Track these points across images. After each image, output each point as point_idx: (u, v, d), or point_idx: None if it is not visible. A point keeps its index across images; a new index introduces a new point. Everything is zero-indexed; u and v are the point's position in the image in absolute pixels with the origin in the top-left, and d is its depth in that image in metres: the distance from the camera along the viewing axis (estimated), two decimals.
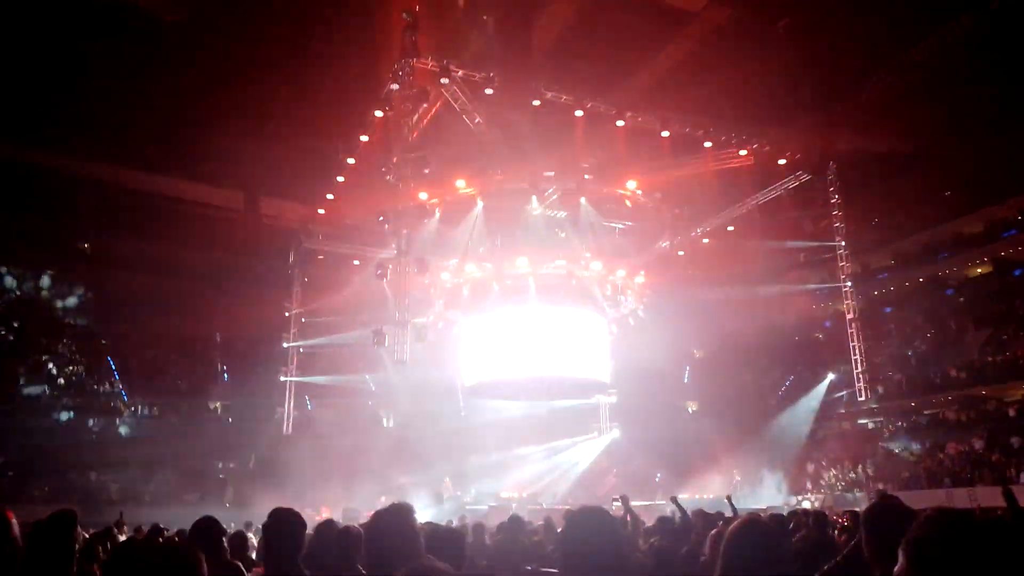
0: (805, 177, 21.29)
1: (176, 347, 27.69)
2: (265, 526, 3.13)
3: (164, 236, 26.37)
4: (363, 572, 3.06)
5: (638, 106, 19.35)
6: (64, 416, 24.11)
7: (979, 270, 27.84)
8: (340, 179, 21.09)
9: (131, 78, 22.49)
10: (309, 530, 3.54)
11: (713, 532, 5.83)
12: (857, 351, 21.68)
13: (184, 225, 26.45)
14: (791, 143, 21.25)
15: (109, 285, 25.32)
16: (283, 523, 3.06)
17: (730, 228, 23.65)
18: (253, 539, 7.61)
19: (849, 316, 22.01)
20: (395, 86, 17.38)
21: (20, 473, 21.27)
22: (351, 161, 20.36)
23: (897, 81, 22.08)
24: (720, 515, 7.84)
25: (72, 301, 25.83)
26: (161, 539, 7.18)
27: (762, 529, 2.31)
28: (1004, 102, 22.59)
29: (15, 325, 24.60)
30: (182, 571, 1.97)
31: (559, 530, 7.06)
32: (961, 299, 27.39)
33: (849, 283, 22.28)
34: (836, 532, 8.55)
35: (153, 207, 26.31)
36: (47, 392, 24.37)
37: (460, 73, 17.72)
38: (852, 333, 21.70)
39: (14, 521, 2.38)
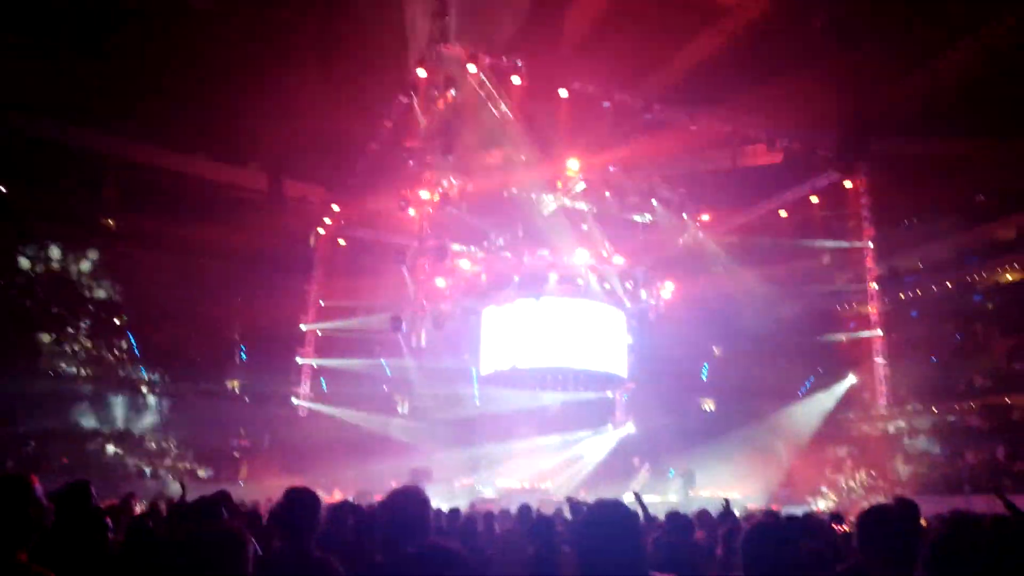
0: (835, 176, 20.98)
1: (195, 326, 27.93)
2: (281, 505, 3.10)
3: (186, 215, 26.56)
4: (376, 551, 3.02)
5: (666, 100, 19.15)
6: (84, 389, 24.44)
7: (1009, 276, 27.30)
8: (363, 164, 21.10)
9: (158, 59, 22.66)
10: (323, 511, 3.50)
11: (724, 530, 5.76)
12: (880, 354, 21.37)
13: (207, 205, 26.65)
14: (822, 142, 20.94)
15: (131, 262, 25.56)
16: (299, 502, 3.03)
17: (756, 225, 23.38)
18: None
19: (874, 319, 21.69)
20: (422, 72, 17.32)
21: (40, 445, 21.59)
22: (375, 146, 20.35)
23: (932, 83, 21.67)
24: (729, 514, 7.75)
25: (94, 277, 26.10)
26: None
27: (782, 529, 2.25)
28: None
29: (38, 299, 24.94)
30: (232, 552, 1.97)
31: (569, 519, 6.98)
32: (990, 305, 26.89)
33: (875, 285, 21.95)
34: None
35: (177, 186, 26.52)
36: (68, 366, 24.72)
37: (488, 60, 17.62)
38: (876, 336, 21.39)
39: (38, 485, 2.34)
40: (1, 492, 2.25)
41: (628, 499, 8.47)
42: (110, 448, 23.56)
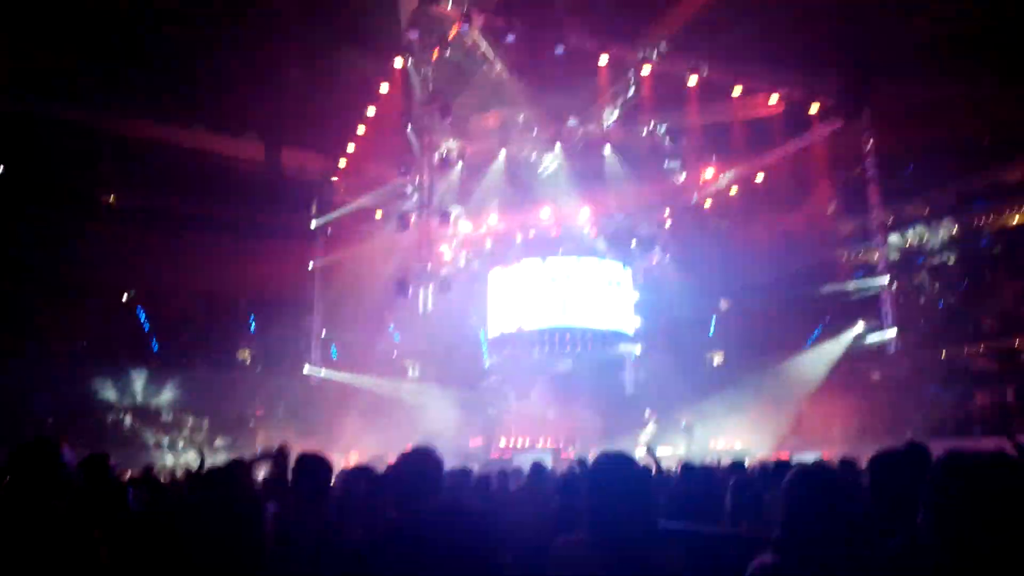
0: (837, 124, 20.71)
1: (202, 299, 28.07)
2: (293, 471, 3.14)
3: (187, 188, 26.50)
4: (387, 514, 3.07)
5: (665, 51, 18.79)
6: (97, 365, 24.71)
7: (1016, 219, 27.10)
8: (361, 130, 20.91)
9: (152, 30, 22.31)
10: (336, 475, 3.55)
11: (733, 481, 5.81)
12: (888, 301, 21.37)
13: (207, 177, 26.53)
14: (824, 89, 20.60)
15: (133, 237, 25.56)
16: (311, 467, 3.08)
17: (759, 177, 23.17)
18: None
19: (880, 266, 21.63)
20: (414, 33, 17.04)
21: (59, 421, 21.92)
22: (371, 111, 20.14)
23: (937, 24, 21.19)
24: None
25: (97, 254, 26.13)
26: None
27: (827, 478, 2.20)
28: None
29: (42, 279, 25.02)
30: (250, 514, 2.03)
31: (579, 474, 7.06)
32: (996, 249, 26.75)
33: (881, 232, 21.85)
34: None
35: (176, 160, 26.37)
36: (78, 347, 24.96)
37: (481, 20, 17.31)
38: (883, 283, 21.36)
39: (67, 448, 2.39)
40: (32, 453, 2.30)
41: (640, 454, 8.59)
42: (127, 422, 23.92)
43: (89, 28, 21.94)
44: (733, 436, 20.33)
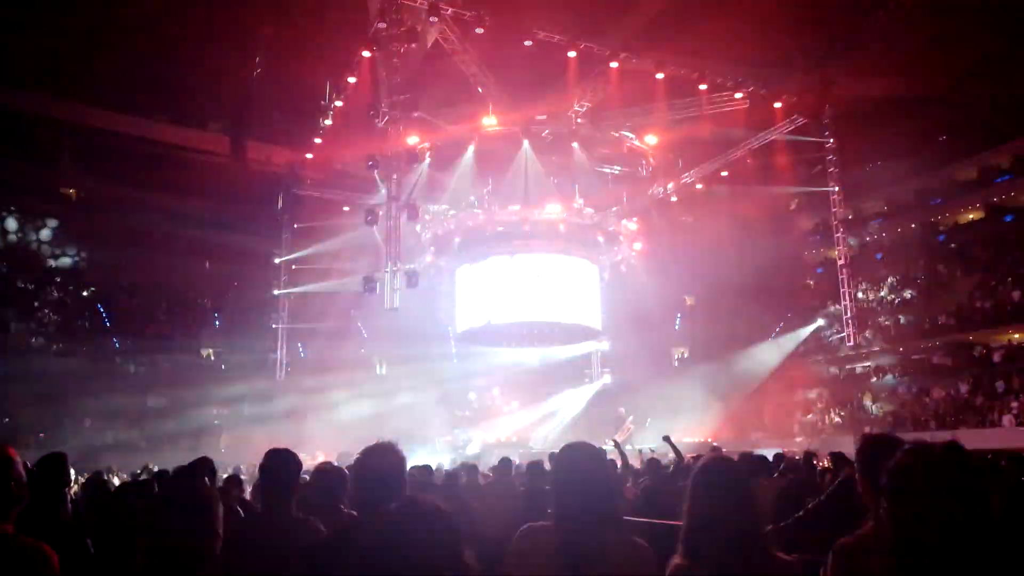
0: (800, 121, 21.04)
1: (165, 294, 27.54)
2: (261, 467, 3.11)
3: (150, 181, 25.96)
4: (349, 511, 3.06)
5: (632, 47, 18.90)
6: (56, 364, 24.08)
7: (971, 216, 27.87)
8: (327, 122, 20.66)
9: (115, 20, 21.80)
10: (305, 473, 3.53)
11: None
12: (847, 296, 21.84)
13: (170, 170, 26.03)
14: (787, 87, 20.92)
15: (96, 231, 24.99)
16: (278, 463, 3.04)
17: (724, 173, 23.47)
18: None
19: (840, 262, 22.09)
20: (383, 24, 16.86)
21: (14, 420, 21.35)
22: (339, 104, 19.91)
23: (893, 24, 21.64)
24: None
25: (59, 247, 25.51)
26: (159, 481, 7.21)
27: (726, 468, 2.28)
28: (999, 48, 22.26)
29: (2, 272, 24.35)
30: (201, 507, 2.01)
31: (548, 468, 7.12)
32: (952, 245, 27.48)
33: (841, 229, 22.30)
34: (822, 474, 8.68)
35: (138, 152, 25.84)
36: (37, 339, 24.30)
37: (450, 11, 17.20)
38: (843, 279, 21.81)
39: (18, 459, 2.33)
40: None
41: (608, 447, 8.64)
42: (87, 421, 23.37)
43: (52, 18, 21.36)
44: (694, 432, 20.57)
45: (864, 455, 2.53)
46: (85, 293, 26.24)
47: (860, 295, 25.28)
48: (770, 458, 8.47)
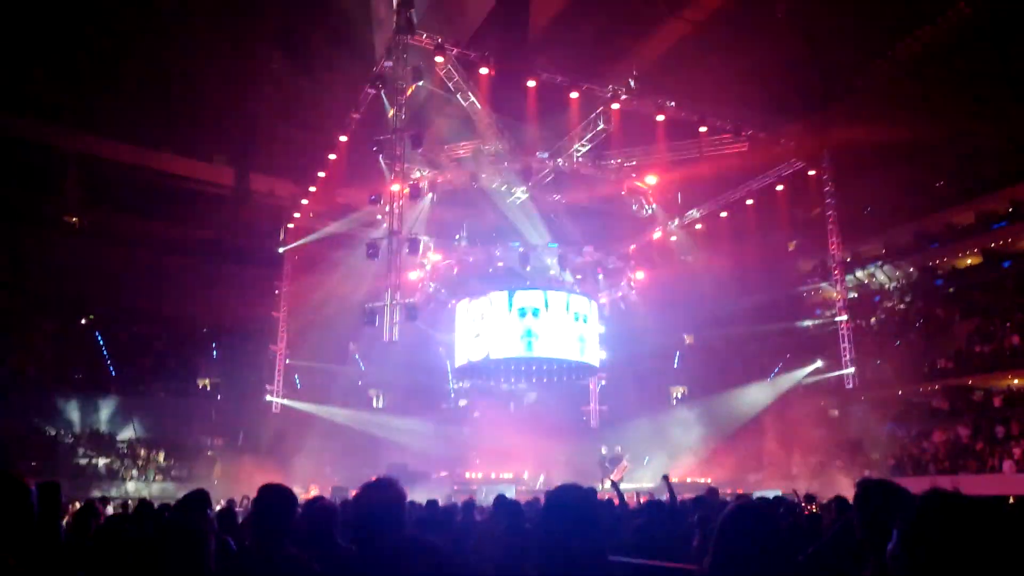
0: (799, 165, 21.28)
1: (164, 323, 27.50)
2: (254, 502, 3.08)
3: (153, 211, 26.15)
4: (347, 547, 3.04)
5: (634, 89, 19.21)
6: (52, 393, 23.94)
7: (969, 261, 27.96)
8: (331, 157, 20.89)
9: (122, 51, 22.17)
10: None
11: (698, 517, 5.86)
12: (846, 339, 21.82)
13: (174, 200, 26.23)
14: (786, 131, 21.21)
15: (96, 260, 25.02)
16: (273, 499, 3.02)
17: (723, 214, 23.65)
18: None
19: (839, 304, 22.13)
20: (389, 63, 17.16)
21: (7, 449, 21.15)
22: (343, 139, 20.15)
23: (893, 70, 22.03)
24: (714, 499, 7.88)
25: (58, 276, 25.51)
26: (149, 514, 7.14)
27: (757, 513, 2.28)
28: (996, 93, 22.62)
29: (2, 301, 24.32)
30: (192, 548, 2.00)
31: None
32: (950, 289, 27.53)
33: (839, 271, 22.40)
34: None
35: (143, 182, 26.05)
36: (34, 369, 24.19)
37: (455, 52, 17.53)
38: (841, 320, 21.83)
39: (35, 490, 2.34)
40: (7, 495, 2.24)
41: (606, 487, 8.60)
42: (80, 450, 23.17)
43: (59, 48, 21.74)
44: (694, 471, 20.41)
45: (863, 501, 2.53)
46: (82, 321, 26.22)
47: (858, 337, 25.25)
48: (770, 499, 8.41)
